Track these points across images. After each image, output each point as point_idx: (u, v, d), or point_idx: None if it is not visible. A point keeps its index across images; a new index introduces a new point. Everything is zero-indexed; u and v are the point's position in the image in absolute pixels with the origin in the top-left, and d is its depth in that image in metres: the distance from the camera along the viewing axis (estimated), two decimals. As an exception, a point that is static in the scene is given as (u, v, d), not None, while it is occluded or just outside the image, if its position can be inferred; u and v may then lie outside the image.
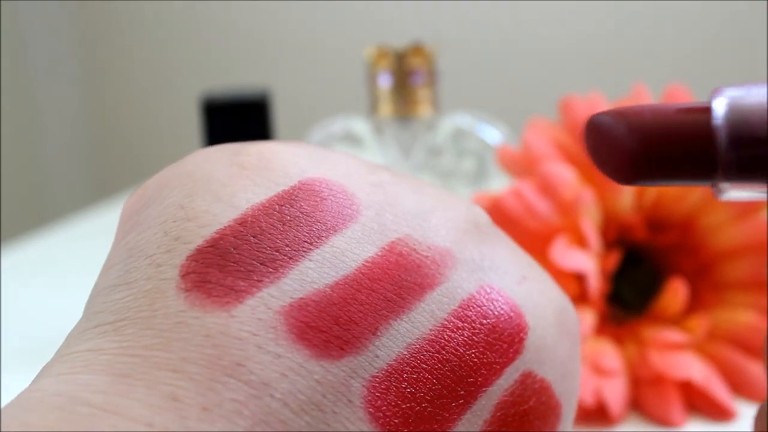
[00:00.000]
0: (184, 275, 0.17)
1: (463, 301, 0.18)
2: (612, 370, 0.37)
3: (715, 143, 0.16)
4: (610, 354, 0.37)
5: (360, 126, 0.55)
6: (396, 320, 0.17)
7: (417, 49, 0.52)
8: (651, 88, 1.12)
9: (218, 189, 0.18)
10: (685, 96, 0.41)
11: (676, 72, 1.16)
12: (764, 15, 1.07)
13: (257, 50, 1.36)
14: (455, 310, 0.18)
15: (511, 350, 0.19)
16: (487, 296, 0.19)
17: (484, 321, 0.18)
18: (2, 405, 0.41)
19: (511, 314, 0.19)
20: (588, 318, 0.36)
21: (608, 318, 0.40)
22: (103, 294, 0.18)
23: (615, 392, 0.36)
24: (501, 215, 0.38)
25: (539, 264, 0.36)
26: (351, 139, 0.54)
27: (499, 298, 0.19)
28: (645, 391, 0.37)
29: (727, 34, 1.14)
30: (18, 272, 0.62)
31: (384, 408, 0.17)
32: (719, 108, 0.16)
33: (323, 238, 0.18)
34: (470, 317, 0.18)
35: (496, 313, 0.19)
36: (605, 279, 0.38)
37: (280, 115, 0.79)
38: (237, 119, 0.54)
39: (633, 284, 0.41)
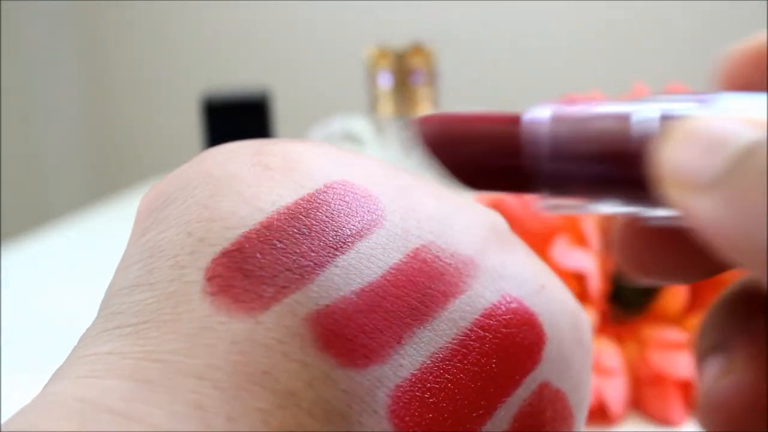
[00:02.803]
0: (210, 278, 0.16)
1: (485, 310, 0.18)
2: (612, 369, 0.37)
3: (535, 155, 0.16)
4: (610, 353, 0.37)
5: (360, 125, 0.55)
6: (420, 329, 0.17)
7: (417, 49, 0.52)
8: (651, 87, 1.12)
9: (243, 189, 0.18)
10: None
11: (677, 70, 1.16)
12: (764, 15, 1.07)
13: (257, 50, 1.36)
14: (477, 319, 0.18)
15: (530, 361, 0.18)
16: (507, 306, 0.18)
17: (505, 331, 0.18)
18: (3, 404, 0.41)
19: (531, 324, 0.19)
20: (589, 317, 0.36)
21: (609, 317, 0.40)
22: (123, 294, 0.17)
23: (615, 391, 0.36)
24: (502, 215, 0.38)
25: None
26: (351, 139, 0.54)
27: (519, 308, 0.19)
28: (645, 391, 0.37)
29: (728, 32, 1.14)
30: (18, 272, 0.62)
31: (408, 418, 0.16)
32: (540, 120, 0.16)
33: (349, 244, 0.17)
34: (492, 327, 0.18)
35: (517, 323, 0.18)
36: (606, 279, 0.38)
37: (280, 114, 0.79)
38: (237, 119, 0.54)
39: (633, 284, 0.41)
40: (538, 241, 0.38)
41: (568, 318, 0.20)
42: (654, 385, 0.37)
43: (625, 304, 0.41)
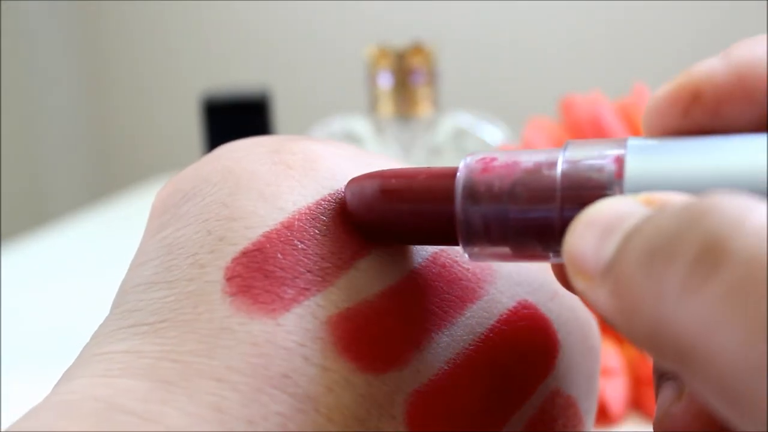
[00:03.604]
0: (230, 278, 0.16)
1: (501, 316, 0.18)
2: (612, 369, 0.37)
3: (454, 207, 0.16)
4: (610, 354, 0.37)
5: (360, 125, 0.55)
6: (437, 334, 0.17)
7: (417, 49, 0.52)
8: (651, 88, 1.12)
9: (263, 188, 0.18)
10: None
11: (677, 70, 1.16)
12: (764, 15, 1.07)
13: (257, 49, 1.36)
14: (494, 325, 0.18)
15: (545, 368, 0.18)
16: (523, 312, 0.18)
17: (521, 337, 0.18)
18: (3, 404, 0.41)
19: (546, 331, 0.19)
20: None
21: (608, 317, 0.40)
22: (139, 291, 0.17)
23: (615, 392, 0.36)
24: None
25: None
26: (351, 139, 0.54)
27: (535, 315, 0.19)
28: (645, 391, 0.37)
29: (728, 33, 1.14)
30: (18, 272, 0.62)
31: (425, 424, 0.16)
32: (459, 174, 0.16)
33: (370, 247, 0.17)
34: (508, 333, 0.18)
35: (532, 329, 0.18)
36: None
37: (280, 114, 0.79)
38: (237, 119, 0.54)
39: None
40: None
41: (579, 325, 0.20)
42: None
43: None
